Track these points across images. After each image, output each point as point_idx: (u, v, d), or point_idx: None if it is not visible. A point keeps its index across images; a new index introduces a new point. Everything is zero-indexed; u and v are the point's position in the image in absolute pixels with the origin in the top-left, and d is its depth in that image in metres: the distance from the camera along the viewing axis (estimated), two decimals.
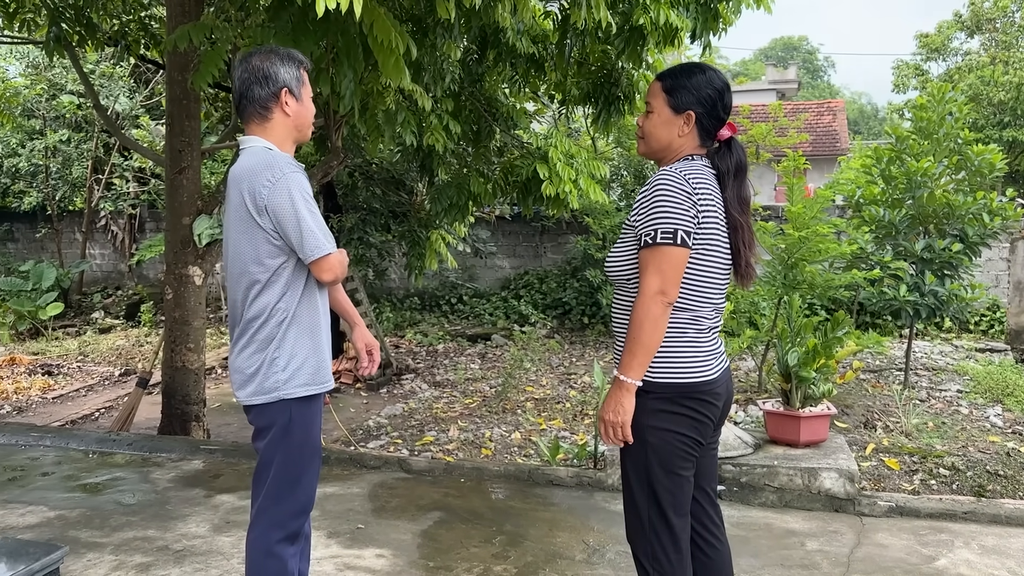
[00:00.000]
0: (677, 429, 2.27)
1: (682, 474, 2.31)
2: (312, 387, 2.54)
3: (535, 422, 6.75)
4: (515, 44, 5.58)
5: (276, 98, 2.54)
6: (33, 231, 14.06)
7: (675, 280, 2.21)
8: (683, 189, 2.23)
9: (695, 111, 2.33)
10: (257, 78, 2.53)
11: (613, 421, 2.26)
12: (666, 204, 2.21)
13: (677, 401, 2.27)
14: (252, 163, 2.49)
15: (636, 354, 2.22)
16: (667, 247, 2.19)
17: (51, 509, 4.18)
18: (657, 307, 2.20)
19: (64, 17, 5.98)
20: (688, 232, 2.21)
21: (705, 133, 2.35)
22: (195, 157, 5.50)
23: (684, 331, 2.28)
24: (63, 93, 12.88)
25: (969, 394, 7.22)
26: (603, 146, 11.20)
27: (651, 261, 2.21)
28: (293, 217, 2.41)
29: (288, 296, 2.50)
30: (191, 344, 5.57)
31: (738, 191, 2.34)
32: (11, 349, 10.56)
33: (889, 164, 7.61)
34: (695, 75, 2.36)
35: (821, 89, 52.77)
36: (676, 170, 2.27)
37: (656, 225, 2.21)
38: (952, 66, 21.30)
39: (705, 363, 2.30)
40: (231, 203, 2.53)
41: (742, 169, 2.37)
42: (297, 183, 2.44)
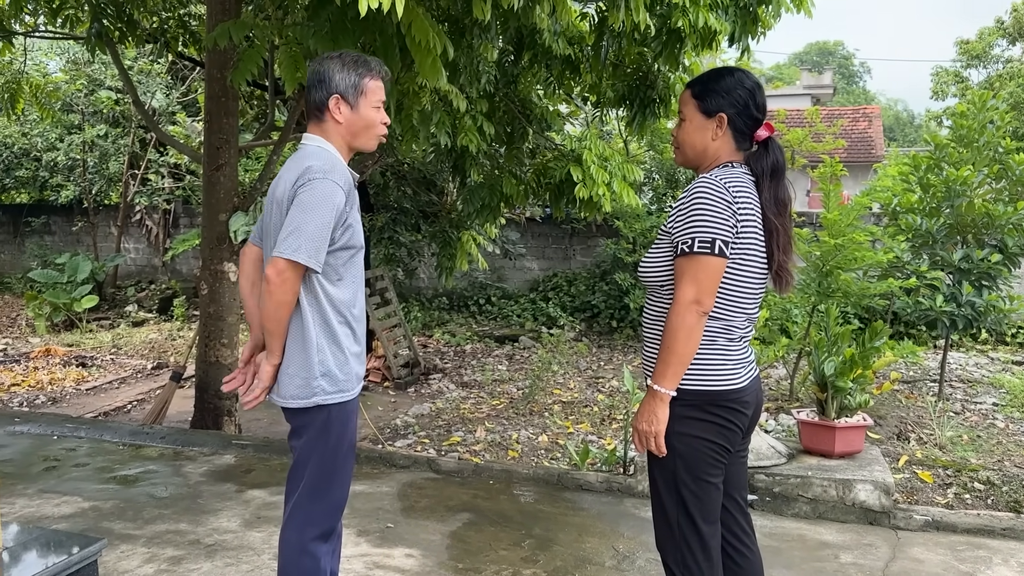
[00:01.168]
0: (705, 436, 2.26)
1: (710, 481, 2.29)
2: (349, 393, 2.55)
3: (562, 425, 6.73)
4: (551, 46, 5.57)
5: (326, 104, 2.51)
6: (70, 224, 14.29)
7: (711, 290, 2.19)
8: (722, 197, 2.21)
9: (727, 112, 2.31)
10: (314, 81, 2.52)
11: (647, 431, 2.25)
12: (705, 212, 2.19)
13: (705, 408, 2.25)
14: (302, 157, 2.49)
15: (670, 364, 2.20)
16: (704, 256, 2.17)
17: (85, 500, 4.23)
18: (692, 316, 2.17)
19: (106, 14, 6.07)
20: (726, 242, 2.19)
21: (740, 135, 2.33)
22: (232, 155, 5.55)
23: (714, 339, 2.26)
24: (102, 89, 13.08)
25: (1005, 407, 7.09)
26: (635, 149, 11.15)
27: (687, 270, 2.19)
28: (300, 214, 2.36)
29: (325, 298, 2.48)
30: (225, 339, 5.62)
31: (775, 192, 2.31)
32: (47, 340, 10.73)
33: (927, 172, 7.50)
34: (724, 78, 2.36)
35: (856, 95, 52.17)
36: (716, 177, 2.25)
37: (694, 234, 2.19)
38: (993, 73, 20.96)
39: (735, 371, 2.28)
40: (274, 198, 2.52)
41: (779, 170, 2.33)
42: (331, 191, 2.39)
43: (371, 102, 2.55)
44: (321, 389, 2.49)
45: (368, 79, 2.53)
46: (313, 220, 2.35)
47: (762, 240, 2.29)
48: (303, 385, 2.50)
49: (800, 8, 5.55)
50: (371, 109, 2.55)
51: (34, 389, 8.25)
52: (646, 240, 10.49)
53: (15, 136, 13.66)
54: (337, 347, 2.52)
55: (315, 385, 2.49)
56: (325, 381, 2.49)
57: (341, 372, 2.52)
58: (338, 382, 2.52)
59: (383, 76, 2.59)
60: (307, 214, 2.36)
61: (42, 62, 13.53)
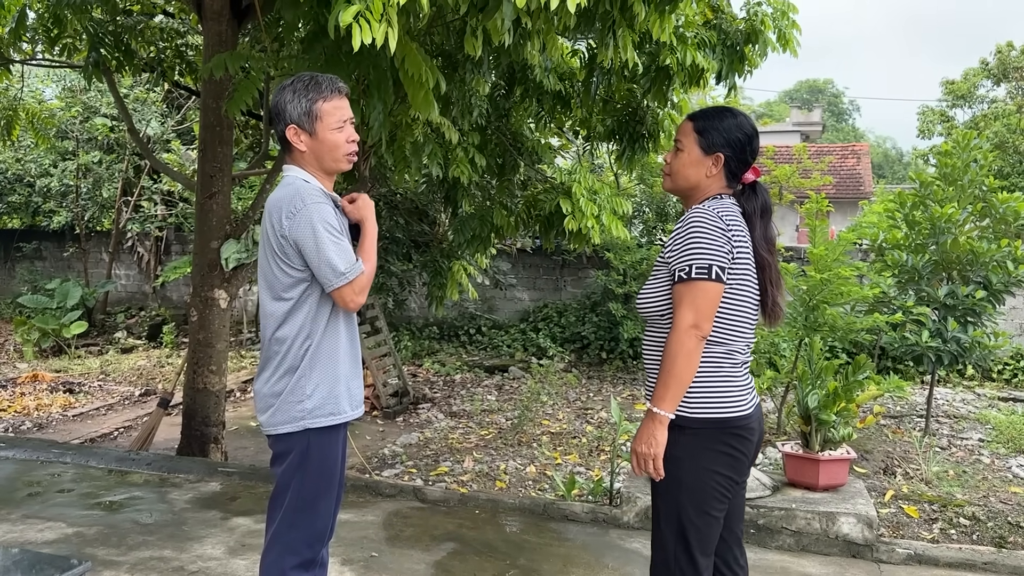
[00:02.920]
0: (714, 467, 2.28)
1: (714, 515, 2.31)
2: (336, 417, 2.55)
3: (550, 456, 6.73)
4: (542, 81, 5.68)
5: (285, 135, 2.54)
6: (61, 250, 14.28)
7: (709, 314, 2.24)
8: (717, 226, 2.28)
9: (724, 153, 2.39)
10: (273, 114, 2.57)
11: (645, 453, 2.28)
12: (701, 240, 2.26)
13: (715, 437, 2.28)
14: (282, 193, 2.52)
15: (669, 386, 2.24)
16: (702, 282, 2.23)
17: (69, 525, 4.21)
18: (691, 340, 2.22)
19: (104, 43, 6.15)
20: (723, 267, 2.25)
21: (731, 175, 2.41)
22: (226, 183, 5.60)
23: (719, 365, 2.31)
24: (96, 116, 13.16)
25: (991, 443, 7.13)
26: (626, 182, 11.26)
27: (686, 295, 2.25)
28: (313, 248, 2.42)
29: (311, 325, 2.51)
30: (213, 366, 5.63)
31: (764, 231, 2.41)
32: (34, 366, 10.68)
33: (913, 209, 7.61)
34: (726, 119, 2.43)
35: (846, 132, 52.80)
36: (709, 207, 2.33)
37: (691, 260, 2.25)
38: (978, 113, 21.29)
39: (740, 398, 2.32)
40: (263, 231, 2.58)
41: (767, 211, 2.44)
42: (319, 213, 2.43)
43: (328, 125, 2.52)
44: (305, 412, 2.51)
45: (320, 102, 2.50)
46: (325, 245, 2.42)
47: (754, 270, 2.37)
48: (287, 409, 2.52)
49: (786, 48, 5.68)
50: (330, 132, 2.52)
51: (20, 415, 8.20)
52: (636, 272, 10.55)
53: (9, 162, 13.70)
54: (323, 372, 2.54)
55: (299, 409, 2.51)
56: (310, 404, 2.51)
57: (328, 398, 2.54)
58: (325, 407, 2.54)
59: (340, 92, 2.55)
60: (319, 242, 2.42)
61: (38, 89, 13.61)
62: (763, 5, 5.70)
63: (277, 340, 2.53)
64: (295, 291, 2.51)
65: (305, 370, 2.51)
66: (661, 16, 4.11)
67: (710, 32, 5.58)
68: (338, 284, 2.44)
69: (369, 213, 2.64)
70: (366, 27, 2.90)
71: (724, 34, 5.64)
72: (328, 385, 2.54)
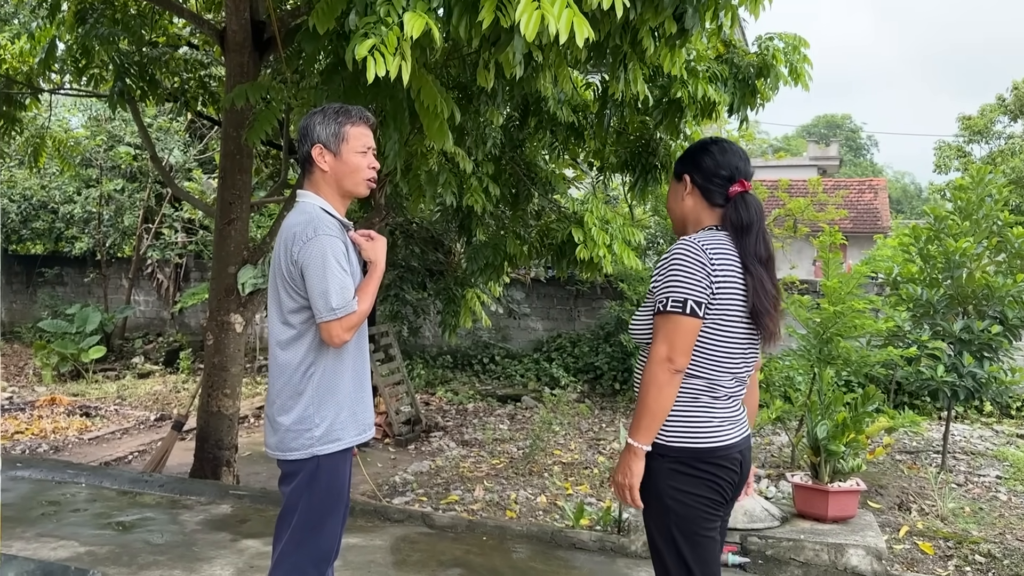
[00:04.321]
0: (695, 491, 2.29)
1: (704, 535, 2.31)
2: (342, 443, 2.59)
3: (562, 486, 6.71)
4: (556, 112, 5.77)
5: (309, 156, 2.62)
6: (82, 276, 14.48)
7: (683, 348, 2.24)
8: (697, 258, 2.27)
9: (690, 173, 2.44)
10: (300, 136, 2.66)
11: (621, 483, 2.31)
12: (678, 273, 2.26)
13: (692, 464, 2.28)
14: (297, 220, 2.58)
15: (642, 418, 2.25)
16: (676, 315, 2.23)
17: (82, 544, 4.26)
18: (664, 374, 2.23)
19: (129, 73, 6.32)
20: (699, 302, 2.23)
21: (710, 194, 2.41)
22: (244, 210, 5.71)
23: (697, 397, 2.31)
24: (120, 144, 13.41)
25: (1008, 480, 7.04)
26: (640, 214, 11.32)
27: (661, 328, 2.26)
28: (315, 277, 2.47)
29: (316, 352, 2.55)
30: (227, 390, 5.69)
31: (748, 246, 2.33)
32: (52, 389, 10.80)
33: (927, 243, 7.60)
34: (693, 145, 2.52)
35: (864, 167, 52.73)
36: (693, 239, 2.33)
37: (667, 293, 2.26)
38: (995, 149, 21.25)
39: (721, 428, 2.31)
40: (274, 255, 2.63)
41: (746, 224, 2.35)
42: (331, 246, 2.49)
43: (354, 148, 2.62)
44: (314, 440, 2.55)
45: (348, 126, 2.61)
46: (326, 276, 2.46)
47: (745, 298, 2.31)
48: (296, 436, 2.55)
49: (798, 81, 5.75)
50: (354, 154, 2.62)
51: (37, 437, 8.30)
52: None
53: (34, 188, 13.97)
54: (331, 398, 2.59)
55: (308, 437, 2.55)
56: (319, 432, 2.55)
57: (335, 424, 2.58)
58: (332, 433, 2.57)
59: (366, 122, 2.66)
60: (318, 273, 2.46)
61: (65, 118, 13.91)
62: (775, 40, 5.79)
63: (282, 365, 2.58)
64: (300, 316, 2.55)
65: (312, 398, 2.55)
66: (671, 50, 4.19)
67: (722, 66, 5.66)
68: (327, 318, 2.47)
69: (381, 256, 2.68)
70: (380, 60, 2.99)
71: (736, 68, 5.72)
72: (334, 413, 2.57)
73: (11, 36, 7.50)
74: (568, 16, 2.80)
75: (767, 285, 2.33)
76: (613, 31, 3.70)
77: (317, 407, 2.55)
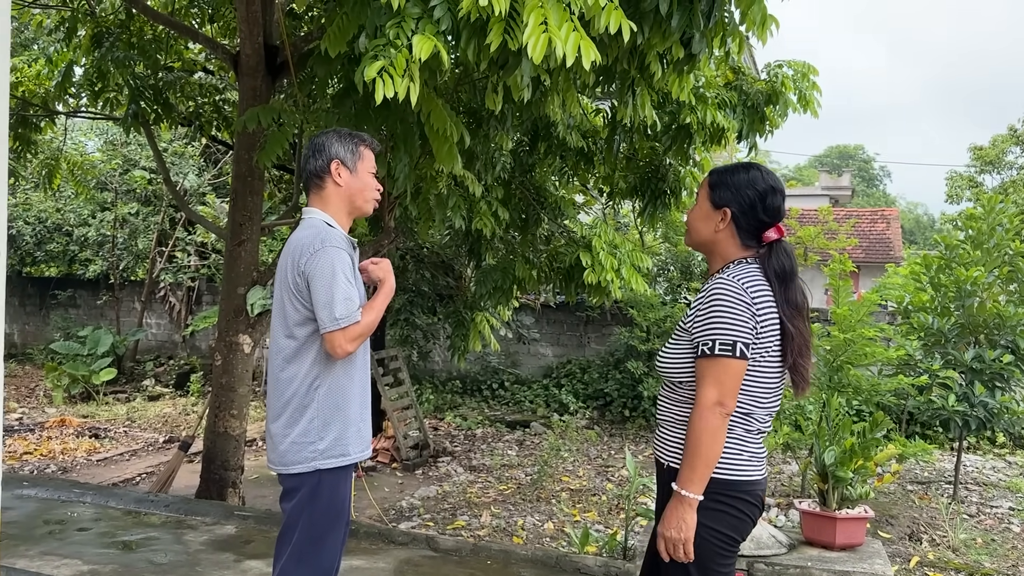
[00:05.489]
0: (714, 525, 2.22)
1: (721, 571, 2.25)
2: (345, 458, 2.60)
3: (569, 513, 6.66)
4: (565, 138, 5.81)
5: (328, 169, 2.69)
6: (95, 298, 14.59)
7: (733, 392, 2.18)
8: (742, 299, 2.20)
9: (731, 208, 2.32)
10: (312, 151, 2.72)
11: (675, 539, 2.21)
12: (725, 315, 2.19)
13: (715, 497, 2.22)
14: (305, 234, 2.62)
15: (696, 468, 2.17)
16: (725, 359, 2.16)
17: (85, 563, 4.25)
18: (715, 419, 2.16)
19: (143, 96, 6.41)
20: (747, 343, 2.18)
21: (745, 234, 2.33)
22: (255, 231, 5.75)
23: (732, 428, 2.24)
24: (136, 168, 13.57)
25: (1021, 512, 6.95)
26: (651, 240, 11.33)
27: (709, 372, 2.18)
28: (321, 287, 2.50)
29: (320, 365, 2.57)
30: (234, 410, 5.70)
31: (785, 295, 2.27)
32: (62, 411, 10.83)
33: (938, 272, 7.58)
34: (739, 173, 2.36)
35: (876, 198, 52.68)
36: (733, 278, 2.24)
37: (715, 335, 2.18)
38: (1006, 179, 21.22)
39: (750, 463, 2.27)
40: (280, 271, 2.66)
41: (789, 274, 2.29)
42: (340, 258, 2.54)
43: (367, 167, 2.75)
44: (318, 454, 2.55)
45: (363, 147, 2.75)
46: (332, 287, 2.49)
47: (779, 339, 2.26)
48: (299, 451, 2.56)
49: (807, 109, 5.78)
50: (367, 173, 2.75)
51: (46, 458, 8.31)
52: (660, 330, 10.53)
53: (49, 211, 14.13)
54: (335, 413, 2.59)
55: (311, 450, 2.55)
56: (323, 445, 2.56)
57: (339, 439, 2.58)
58: (336, 448, 2.58)
59: (375, 148, 2.81)
60: (324, 283, 2.49)
61: (80, 142, 14.09)
62: (784, 67, 5.83)
63: (285, 379, 2.60)
64: (306, 329, 2.57)
65: (317, 412, 2.56)
66: (679, 76, 4.21)
67: (731, 93, 5.70)
68: (331, 328, 2.49)
69: (389, 275, 2.76)
70: (389, 82, 3.02)
71: (745, 95, 5.76)
72: (339, 428, 2.59)
73: (28, 60, 7.63)
74: (575, 40, 2.83)
75: (808, 340, 2.30)
76: (621, 56, 3.74)
77: (323, 421, 2.56)
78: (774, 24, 3.80)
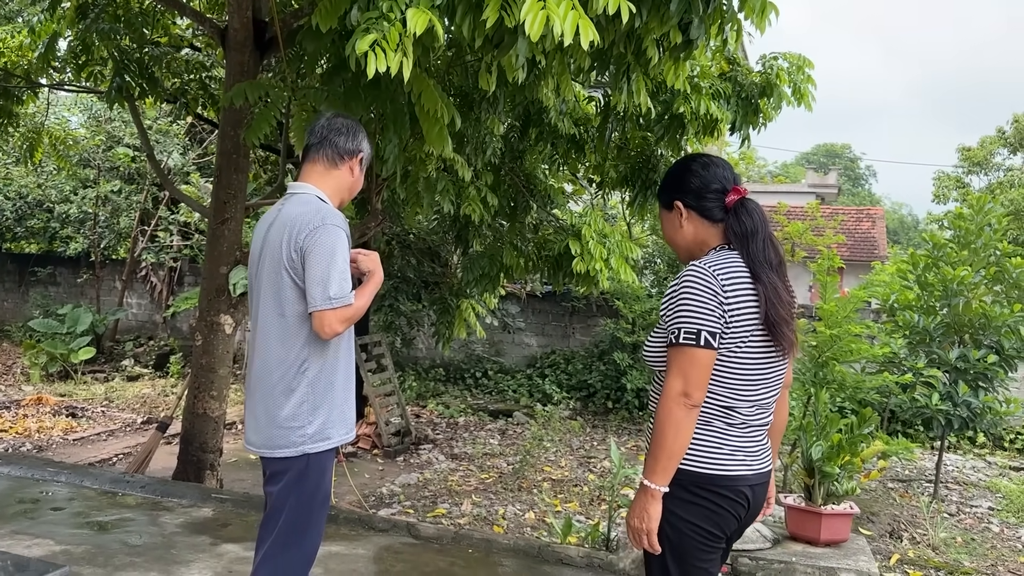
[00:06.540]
0: (692, 519, 2.17)
1: (699, 565, 2.20)
2: (330, 441, 2.55)
3: (550, 503, 6.63)
4: (557, 124, 5.74)
5: (354, 155, 2.66)
6: (75, 276, 14.39)
7: (699, 382, 2.12)
8: (708, 285, 2.14)
9: (679, 199, 2.32)
10: (345, 132, 2.66)
11: (638, 528, 2.18)
12: (690, 303, 2.14)
13: (690, 489, 2.16)
14: (305, 209, 2.53)
15: (659, 459, 2.12)
16: (690, 348, 2.11)
17: (57, 543, 4.16)
18: (680, 409, 2.11)
19: (128, 70, 6.27)
20: (713, 332, 2.11)
21: (709, 212, 2.29)
22: (239, 210, 5.65)
23: (710, 421, 2.19)
24: (119, 145, 13.36)
25: (1001, 512, 6.98)
26: (638, 232, 11.30)
27: (674, 361, 2.14)
28: (317, 263, 2.44)
29: (312, 346, 2.51)
30: (214, 392, 5.60)
31: (762, 254, 2.21)
32: (39, 389, 10.68)
33: (925, 271, 7.58)
34: (671, 170, 2.41)
35: (862, 197, 52.94)
36: (704, 264, 2.20)
37: (679, 324, 2.14)
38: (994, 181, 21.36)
39: (731, 457, 2.19)
40: (271, 247, 2.55)
41: (750, 232, 2.23)
42: (341, 239, 2.49)
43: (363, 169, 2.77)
44: (306, 437, 2.49)
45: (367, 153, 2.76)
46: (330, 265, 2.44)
47: (760, 316, 2.17)
48: (287, 434, 2.50)
49: (801, 102, 5.74)
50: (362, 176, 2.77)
51: (21, 436, 8.19)
52: (645, 322, 10.51)
53: (30, 187, 13.90)
54: (327, 394, 2.53)
55: (300, 434, 2.49)
56: (311, 429, 2.50)
57: (327, 422, 2.53)
58: (324, 432, 2.52)
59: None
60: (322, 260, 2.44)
61: (63, 116, 13.86)
62: (779, 59, 5.78)
63: (274, 360, 2.52)
64: (299, 307, 2.49)
65: (307, 395, 2.50)
66: (675, 63, 4.15)
67: (725, 84, 5.65)
68: (322, 306, 2.43)
69: (378, 265, 2.72)
70: (381, 56, 2.94)
71: (739, 86, 5.70)
72: (327, 411, 2.54)
73: (11, 30, 7.46)
74: (573, 18, 2.76)
75: (781, 293, 2.20)
76: (617, 39, 3.67)
77: (312, 405, 2.51)
78: (773, 12, 3.74)
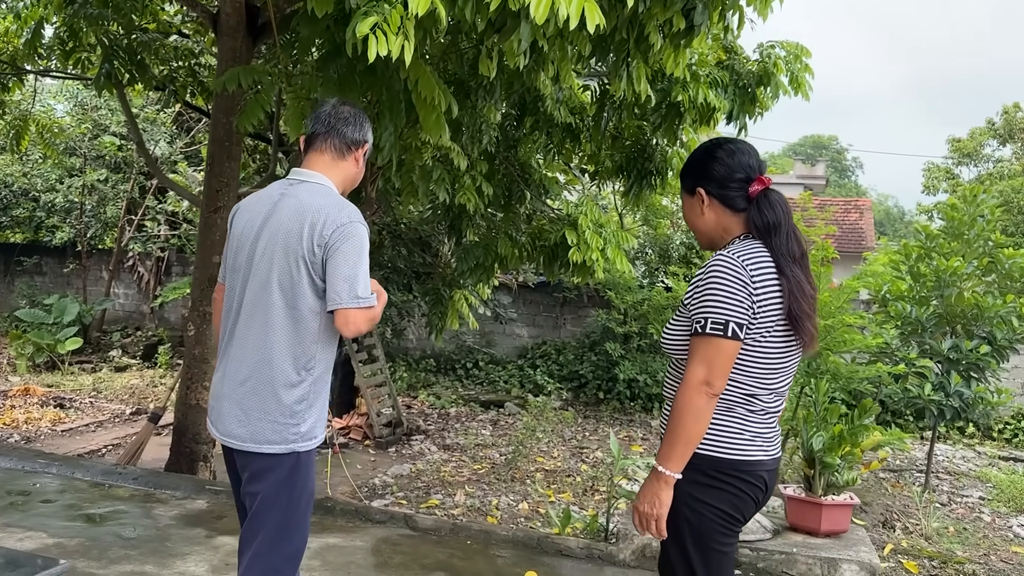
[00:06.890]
0: (713, 503, 2.17)
1: (720, 550, 2.20)
2: (317, 440, 2.52)
3: (544, 493, 6.61)
4: (553, 113, 5.69)
5: (360, 145, 2.59)
6: (61, 266, 14.23)
7: (722, 372, 2.12)
8: (739, 277, 2.13)
9: (703, 186, 2.30)
10: (352, 121, 2.58)
11: (647, 513, 2.17)
12: (719, 293, 2.13)
13: (711, 474, 2.17)
14: (327, 201, 2.43)
15: (675, 445, 2.12)
16: (716, 338, 2.10)
17: (50, 536, 4.10)
18: (701, 398, 2.10)
19: (117, 56, 6.17)
20: (740, 324, 2.11)
21: (732, 200, 2.27)
22: (231, 198, 5.57)
23: (731, 407, 2.19)
24: (106, 134, 13.19)
25: (992, 502, 7.02)
26: (630, 223, 11.26)
27: (699, 350, 2.13)
28: (346, 262, 2.35)
29: (320, 343, 2.44)
30: (207, 382, 5.53)
31: (785, 247, 2.19)
32: (26, 380, 10.56)
33: (918, 261, 7.58)
34: (695, 154, 2.37)
35: (848, 188, 53.18)
36: (733, 254, 2.18)
37: (707, 314, 2.13)
38: (983, 172, 21.47)
39: (752, 443, 2.20)
40: (283, 233, 2.41)
41: (773, 225, 2.21)
42: (366, 237, 2.44)
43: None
44: (299, 435, 2.44)
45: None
46: (360, 264, 2.39)
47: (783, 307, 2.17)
48: (280, 430, 2.43)
49: (798, 91, 5.71)
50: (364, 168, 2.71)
51: (8, 427, 8.09)
52: (637, 312, 10.49)
53: (16, 175, 13.72)
54: (320, 396, 2.50)
55: (294, 432, 2.43)
56: (305, 428, 2.45)
57: (319, 421, 2.50)
58: (316, 430, 2.49)
59: None
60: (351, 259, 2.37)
61: (50, 105, 13.68)
62: (776, 48, 5.74)
63: (279, 354, 2.40)
64: (314, 303, 2.40)
65: (307, 392, 2.44)
66: (676, 50, 4.11)
67: (723, 72, 5.61)
68: (349, 305, 2.34)
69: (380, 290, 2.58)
70: (383, 39, 2.88)
71: (736, 75, 5.66)
72: (319, 410, 2.51)
73: None
74: (579, 2, 2.71)
75: (804, 286, 2.19)
76: (620, 24, 3.62)
77: (310, 403, 2.45)
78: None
